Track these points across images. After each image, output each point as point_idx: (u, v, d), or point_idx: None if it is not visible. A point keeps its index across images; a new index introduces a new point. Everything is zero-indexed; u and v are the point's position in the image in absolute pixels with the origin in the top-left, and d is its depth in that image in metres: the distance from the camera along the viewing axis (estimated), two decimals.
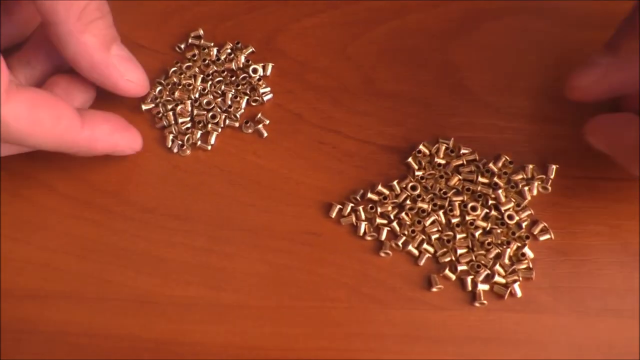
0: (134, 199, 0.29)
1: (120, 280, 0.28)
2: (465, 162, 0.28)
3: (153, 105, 0.30)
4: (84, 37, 0.26)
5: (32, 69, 0.29)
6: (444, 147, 0.29)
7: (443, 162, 0.29)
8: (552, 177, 0.28)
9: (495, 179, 0.28)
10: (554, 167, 0.28)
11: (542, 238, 0.28)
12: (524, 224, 0.28)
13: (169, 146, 0.30)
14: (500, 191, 0.28)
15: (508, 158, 0.29)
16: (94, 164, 0.30)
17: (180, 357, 0.27)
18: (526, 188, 0.28)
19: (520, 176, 0.28)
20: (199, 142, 0.30)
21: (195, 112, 0.30)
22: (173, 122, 0.30)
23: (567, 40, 0.31)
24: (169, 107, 0.30)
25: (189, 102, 0.30)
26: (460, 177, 0.28)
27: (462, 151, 0.29)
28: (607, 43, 0.26)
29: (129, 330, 0.27)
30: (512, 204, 0.28)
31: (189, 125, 0.30)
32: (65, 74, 0.29)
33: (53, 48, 0.27)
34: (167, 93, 0.30)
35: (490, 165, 0.28)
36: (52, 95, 0.26)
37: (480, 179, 0.28)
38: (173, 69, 0.31)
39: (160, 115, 0.30)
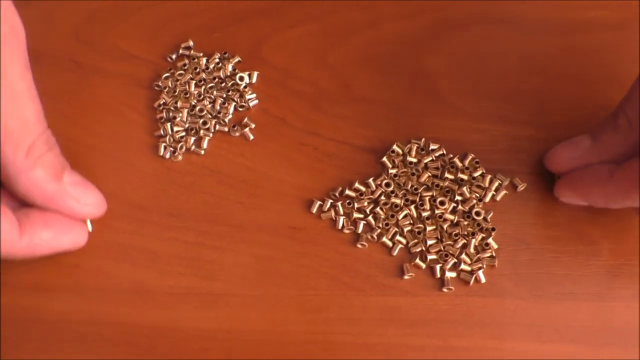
0: (129, 198, 0.31)
1: (118, 272, 0.30)
2: (434, 158, 0.31)
3: (162, 133, 0.32)
4: (34, 172, 0.26)
5: None
6: (415, 147, 0.31)
7: (415, 160, 0.31)
8: (521, 189, 0.31)
9: (460, 175, 0.30)
10: (524, 186, 0.31)
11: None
12: (489, 217, 0.30)
13: (161, 154, 0.32)
14: (465, 187, 0.30)
15: (474, 156, 0.31)
16: (93, 167, 0.32)
17: (174, 342, 0.29)
18: (493, 192, 0.30)
19: (486, 177, 0.31)
20: (192, 147, 0.32)
21: (189, 119, 0.32)
22: (170, 132, 0.32)
23: (529, 48, 0.34)
24: (170, 114, 0.32)
25: (185, 111, 0.32)
26: (429, 173, 0.31)
27: (431, 147, 0.31)
28: (592, 131, 0.29)
29: (127, 318, 0.29)
30: (475, 201, 0.30)
31: (183, 134, 0.32)
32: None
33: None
34: (170, 100, 0.32)
35: (456, 160, 0.31)
36: None
37: (447, 175, 0.30)
38: (165, 74, 0.33)
39: (163, 120, 0.32)
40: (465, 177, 0.30)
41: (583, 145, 0.28)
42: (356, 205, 0.30)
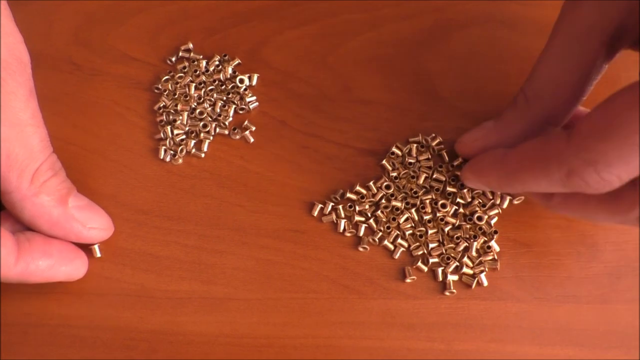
0: (130, 202, 0.31)
1: (119, 276, 0.30)
2: (429, 157, 0.31)
3: (162, 136, 0.32)
4: (39, 198, 0.26)
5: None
6: (414, 147, 0.31)
7: (413, 160, 0.31)
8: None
9: (457, 172, 0.30)
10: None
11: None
12: (492, 222, 0.30)
13: (161, 157, 0.32)
14: (465, 190, 0.30)
15: (463, 160, 0.31)
16: (92, 170, 0.32)
17: (175, 346, 0.29)
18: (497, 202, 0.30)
19: None
20: (193, 150, 0.32)
21: (189, 122, 0.32)
22: (170, 135, 0.32)
23: (530, 49, 0.34)
24: (171, 117, 0.32)
25: (185, 114, 0.32)
26: (426, 174, 0.30)
27: (430, 141, 0.31)
28: (497, 115, 0.29)
29: (127, 323, 0.29)
30: (477, 208, 0.30)
31: (183, 137, 0.32)
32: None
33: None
34: (170, 103, 0.32)
35: (443, 154, 0.31)
36: None
37: (436, 175, 0.30)
38: (165, 77, 0.33)
39: (163, 123, 0.32)
40: (455, 173, 0.30)
41: (486, 126, 0.29)
42: (357, 208, 0.30)
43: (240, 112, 0.33)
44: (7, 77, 0.25)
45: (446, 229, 0.30)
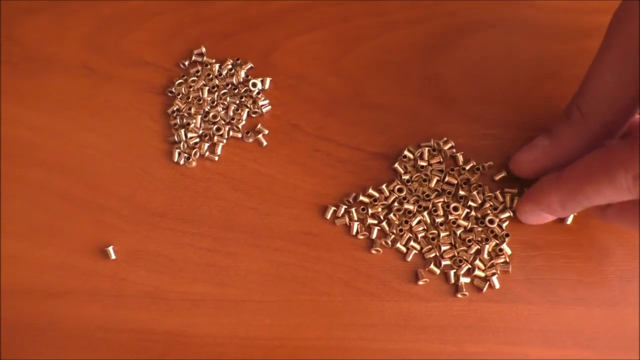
0: (144, 204, 0.31)
1: (133, 278, 0.30)
2: (441, 160, 0.31)
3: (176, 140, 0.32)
4: None
5: None
6: (426, 150, 0.31)
7: (425, 164, 0.31)
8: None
9: (467, 175, 0.31)
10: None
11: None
12: (504, 225, 0.30)
13: (175, 160, 0.32)
14: (475, 192, 0.30)
15: (476, 164, 0.31)
16: (107, 173, 0.32)
17: (189, 348, 0.29)
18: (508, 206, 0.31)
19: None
20: (206, 154, 0.32)
21: (202, 126, 0.32)
22: (184, 138, 0.32)
23: (541, 53, 0.34)
24: (184, 121, 0.32)
25: (199, 117, 0.32)
26: (438, 177, 0.31)
27: (442, 145, 0.31)
28: (548, 129, 0.29)
29: (142, 325, 0.29)
30: (489, 211, 0.30)
31: (196, 140, 0.32)
32: None
33: None
34: (184, 107, 0.32)
35: (459, 156, 0.31)
36: None
37: (448, 179, 0.31)
38: (179, 81, 0.33)
39: (177, 127, 0.32)
40: (469, 177, 0.30)
41: (542, 145, 0.29)
42: (370, 211, 0.30)
43: (253, 115, 0.33)
44: None
45: (458, 232, 0.30)
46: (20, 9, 0.36)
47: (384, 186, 0.31)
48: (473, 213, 0.30)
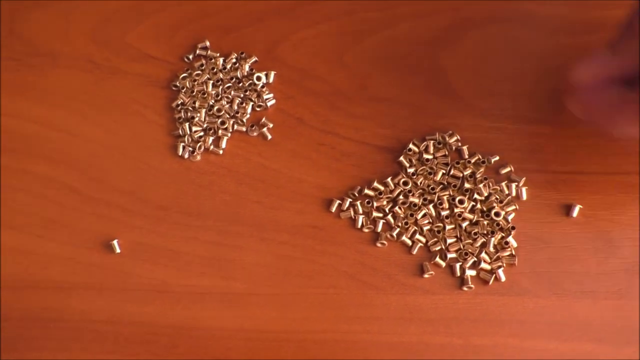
0: (149, 198, 0.31)
1: (139, 272, 0.30)
2: (447, 153, 0.31)
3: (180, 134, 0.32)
4: None
5: None
6: (431, 143, 0.31)
7: (430, 157, 0.31)
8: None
9: (472, 169, 0.31)
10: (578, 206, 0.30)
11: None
12: (509, 218, 0.30)
13: (180, 154, 0.32)
14: (481, 185, 0.30)
15: (481, 157, 0.31)
16: (112, 167, 0.32)
17: (196, 341, 0.29)
18: (513, 186, 0.30)
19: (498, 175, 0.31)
20: (211, 147, 0.32)
21: (207, 119, 0.32)
22: (188, 132, 0.32)
23: (546, 47, 0.34)
24: (189, 114, 0.32)
25: (203, 111, 0.32)
26: (443, 170, 0.31)
27: (447, 139, 0.31)
28: (608, 43, 0.27)
29: (148, 318, 0.29)
30: (495, 204, 0.30)
31: (201, 134, 0.32)
32: None
33: None
34: (188, 101, 0.32)
35: (464, 149, 0.31)
36: None
37: (454, 172, 0.31)
38: (183, 75, 0.33)
39: (181, 120, 0.32)
40: (474, 171, 0.30)
41: (604, 59, 0.27)
42: (375, 204, 0.30)
43: (258, 109, 0.33)
44: None
45: (464, 225, 0.30)
46: (25, 4, 0.36)
47: (389, 179, 0.31)
48: (479, 206, 0.30)
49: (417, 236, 0.30)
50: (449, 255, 0.30)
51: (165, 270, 0.30)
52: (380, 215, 0.30)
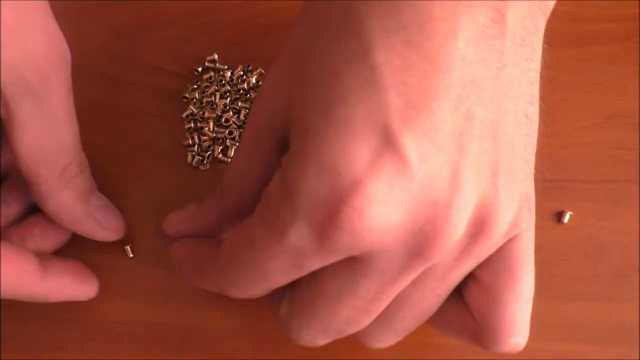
0: (160, 205, 0.33)
1: (150, 275, 0.32)
2: None
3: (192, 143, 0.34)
4: (64, 193, 0.27)
5: (7, 207, 0.29)
6: None
7: None
8: None
9: None
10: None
11: None
12: None
13: (189, 162, 0.34)
14: None
15: None
16: (123, 175, 0.34)
17: (205, 341, 0.31)
18: None
19: None
20: (219, 156, 0.34)
21: (215, 129, 0.34)
22: (197, 142, 0.34)
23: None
24: (198, 125, 0.34)
25: (212, 121, 0.34)
26: None
27: None
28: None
29: (160, 318, 0.31)
30: None
31: (210, 143, 0.34)
32: (43, 216, 0.29)
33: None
34: (197, 111, 0.34)
35: None
36: (17, 248, 0.26)
37: None
38: (192, 86, 0.35)
39: (191, 130, 0.34)
40: None
41: (190, 208, 0.29)
42: None
43: None
44: (51, 74, 0.26)
45: None
46: None
47: None
48: None
49: None
50: None
51: (175, 273, 0.32)
52: None
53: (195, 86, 0.35)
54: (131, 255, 0.32)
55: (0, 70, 0.24)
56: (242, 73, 0.35)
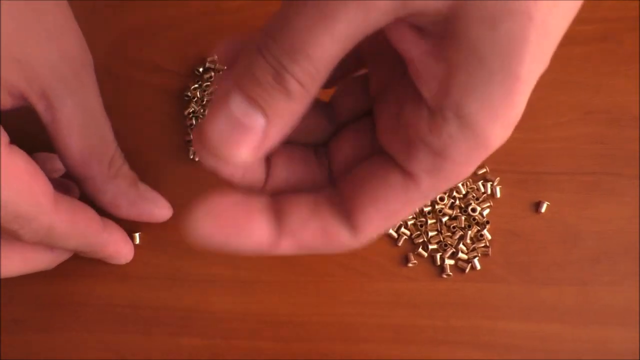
0: (164, 196, 0.34)
1: (156, 261, 0.34)
2: None
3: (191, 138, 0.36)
4: (117, 181, 0.30)
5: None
6: None
7: None
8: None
9: None
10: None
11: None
12: (484, 213, 0.34)
13: (191, 157, 0.36)
14: (460, 184, 0.34)
15: None
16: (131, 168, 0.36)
17: (206, 322, 0.33)
18: (488, 186, 0.34)
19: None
20: None
21: None
22: None
23: None
24: (199, 122, 0.36)
25: None
26: None
27: None
28: None
29: (164, 302, 0.33)
30: (471, 195, 0.34)
31: None
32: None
33: None
34: (199, 109, 0.36)
35: None
36: (81, 202, 0.28)
37: None
38: (194, 85, 0.37)
39: (192, 127, 0.36)
40: None
41: None
42: None
43: None
44: (82, 71, 0.28)
45: (444, 220, 0.34)
46: None
47: None
48: (457, 203, 0.34)
49: (403, 229, 0.34)
50: (431, 247, 0.33)
51: (179, 261, 0.34)
52: None
53: (197, 85, 0.37)
54: (138, 242, 0.34)
55: (46, 71, 0.26)
56: None
